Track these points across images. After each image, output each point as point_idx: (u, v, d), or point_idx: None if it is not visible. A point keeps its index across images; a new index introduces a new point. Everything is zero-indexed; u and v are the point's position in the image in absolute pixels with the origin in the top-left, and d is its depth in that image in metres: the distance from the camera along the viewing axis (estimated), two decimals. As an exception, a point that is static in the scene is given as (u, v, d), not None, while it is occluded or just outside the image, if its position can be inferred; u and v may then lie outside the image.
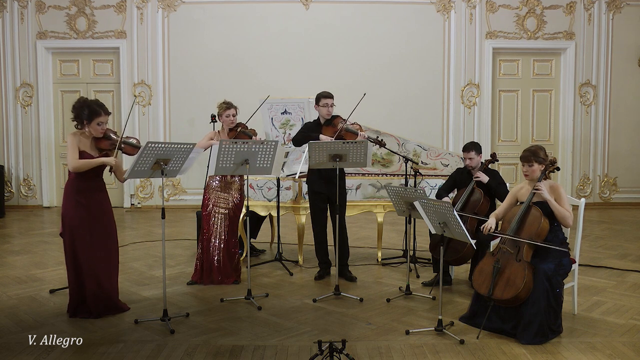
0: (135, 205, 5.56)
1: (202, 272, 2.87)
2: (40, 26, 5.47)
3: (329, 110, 2.87)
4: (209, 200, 2.88)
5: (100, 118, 2.32)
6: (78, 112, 2.34)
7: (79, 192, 2.33)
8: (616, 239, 4.09)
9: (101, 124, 2.33)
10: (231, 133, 2.87)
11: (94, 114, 2.31)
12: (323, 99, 2.87)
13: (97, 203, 2.36)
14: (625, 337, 2.16)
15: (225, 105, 2.87)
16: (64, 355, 1.97)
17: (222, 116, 2.87)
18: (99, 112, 2.32)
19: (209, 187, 2.90)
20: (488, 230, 2.26)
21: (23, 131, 5.53)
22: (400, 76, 5.51)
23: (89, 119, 2.32)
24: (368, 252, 3.60)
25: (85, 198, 2.33)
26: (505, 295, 2.12)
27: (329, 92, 2.91)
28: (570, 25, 5.59)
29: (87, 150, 2.33)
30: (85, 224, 2.32)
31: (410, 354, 1.98)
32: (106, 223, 2.39)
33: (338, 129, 2.79)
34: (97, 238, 2.34)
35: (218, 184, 2.88)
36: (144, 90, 5.53)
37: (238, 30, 5.47)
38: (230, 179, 2.90)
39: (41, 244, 3.90)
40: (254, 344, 2.08)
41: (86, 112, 2.32)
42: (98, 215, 2.35)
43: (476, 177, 2.76)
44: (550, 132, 5.77)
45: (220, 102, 2.91)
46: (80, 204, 2.32)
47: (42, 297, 2.66)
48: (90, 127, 2.33)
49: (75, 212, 2.31)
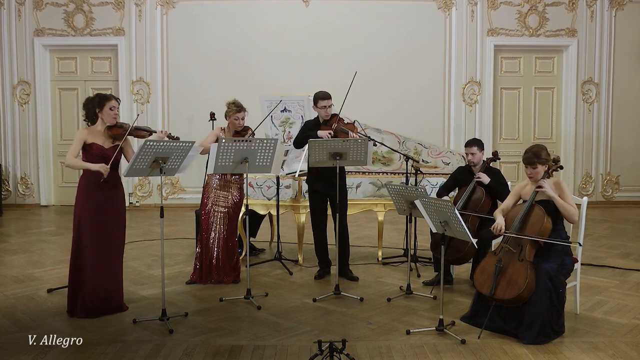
0: (134, 203, 5.53)
1: (202, 271, 2.84)
2: (38, 23, 5.43)
3: (327, 111, 2.84)
4: (208, 199, 2.85)
5: (112, 102, 2.36)
6: (88, 105, 2.37)
7: (92, 187, 2.32)
8: (619, 238, 4.07)
9: (113, 108, 2.35)
10: (237, 135, 2.79)
11: (104, 99, 2.35)
12: (320, 100, 2.83)
13: (109, 198, 2.35)
14: (628, 336, 2.14)
15: (236, 108, 2.76)
16: (62, 355, 1.95)
17: (231, 117, 2.78)
18: (110, 97, 2.37)
19: (208, 186, 2.86)
20: (499, 230, 2.23)
21: (20, 129, 5.49)
22: (401, 74, 5.47)
23: (100, 105, 2.34)
24: (368, 251, 3.59)
25: (97, 192, 2.32)
26: (507, 295, 2.11)
27: (327, 92, 2.86)
28: (572, 22, 5.55)
29: (98, 142, 2.33)
30: (93, 219, 2.31)
31: (411, 354, 1.97)
32: (115, 219, 2.37)
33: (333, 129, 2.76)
34: (103, 234, 2.33)
35: (218, 182, 2.85)
36: (142, 88, 5.49)
37: (237, 28, 5.43)
38: (231, 178, 2.86)
39: (39, 243, 3.87)
40: (254, 344, 2.06)
41: (97, 100, 2.36)
42: (108, 211, 2.34)
43: (477, 178, 2.73)
44: (552, 130, 5.74)
45: (230, 102, 2.79)
46: (91, 198, 2.32)
47: (40, 297, 2.64)
48: (102, 114, 2.34)
49: (85, 206, 2.31)
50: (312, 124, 2.92)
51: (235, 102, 2.81)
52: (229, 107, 2.80)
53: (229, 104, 2.81)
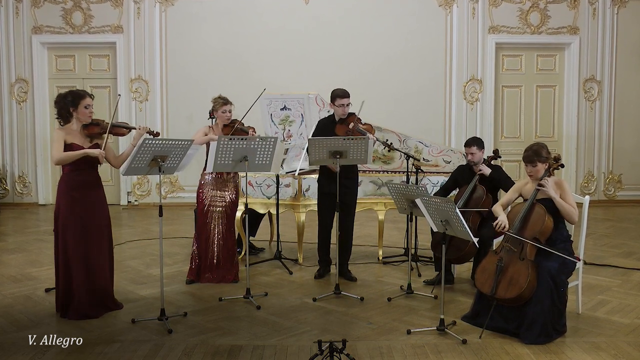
0: (132, 202, 5.51)
1: (199, 270, 2.83)
2: (36, 21, 5.39)
3: (344, 110, 2.80)
4: (205, 198, 2.83)
5: (86, 100, 2.25)
6: (61, 103, 2.26)
7: (73, 187, 2.27)
8: (621, 237, 4.05)
9: (88, 106, 2.26)
10: (225, 129, 2.80)
11: (78, 97, 2.24)
12: (339, 98, 2.78)
13: (92, 198, 2.30)
14: (630, 336, 2.13)
15: (222, 101, 2.81)
16: (60, 355, 1.94)
17: (218, 112, 2.81)
18: (83, 94, 2.26)
19: (204, 185, 2.84)
20: (503, 228, 2.20)
21: (18, 127, 5.45)
22: (402, 72, 5.44)
23: (74, 104, 2.24)
24: (369, 250, 3.57)
25: (80, 193, 2.26)
26: (508, 295, 2.09)
27: (345, 90, 2.80)
28: (574, 20, 5.51)
29: (77, 142, 2.25)
30: (78, 220, 2.26)
31: (411, 354, 1.96)
32: (100, 218, 2.33)
33: (350, 129, 2.72)
34: (90, 234, 2.28)
35: (213, 181, 2.82)
36: (141, 86, 5.46)
37: (237, 25, 5.40)
38: (227, 176, 2.84)
39: (36, 242, 3.86)
40: (253, 344, 2.05)
41: (70, 99, 2.24)
42: (92, 211, 2.30)
43: (479, 171, 2.71)
44: (554, 129, 5.71)
45: (215, 97, 2.84)
46: (74, 199, 2.26)
47: (38, 296, 2.62)
48: (77, 113, 2.25)
49: (69, 207, 2.26)
50: (327, 122, 2.87)
51: (220, 96, 2.84)
52: (216, 101, 2.82)
53: (215, 99, 2.83)
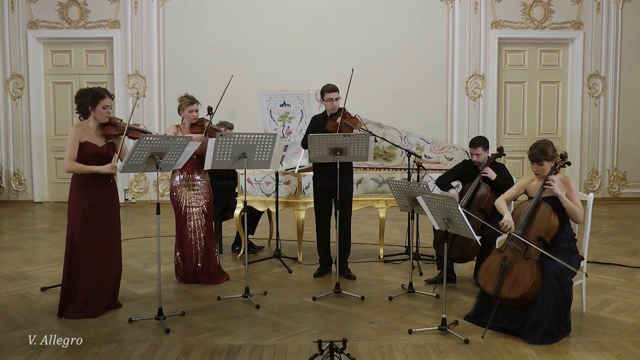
0: (130, 200, 5.47)
1: (186, 274, 2.76)
2: (31, 15, 5.33)
3: (333, 104, 2.76)
4: (182, 200, 2.71)
5: (105, 100, 2.28)
6: (81, 99, 2.29)
7: (86, 185, 2.28)
8: (626, 235, 4.01)
9: (106, 107, 2.28)
10: (193, 128, 2.72)
11: (98, 97, 2.27)
12: (327, 93, 2.76)
13: (103, 197, 2.31)
14: (635, 336, 2.11)
15: (189, 100, 2.71)
16: (56, 355, 1.91)
17: (185, 111, 2.71)
18: (103, 94, 2.29)
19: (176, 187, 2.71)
20: (508, 228, 2.17)
21: (13, 124, 5.40)
22: (403, 67, 5.38)
23: (93, 103, 2.27)
24: (370, 248, 3.54)
25: (92, 191, 2.28)
26: (512, 294, 2.06)
27: (334, 85, 2.78)
28: (578, 15, 5.44)
29: (91, 140, 2.27)
30: (88, 218, 2.27)
31: (413, 354, 1.93)
32: (110, 218, 2.33)
33: (337, 123, 2.70)
34: (99, 233, 2.29)
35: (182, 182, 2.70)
36: (138, 82, 5.41)
37: (235, 20, 5.34)
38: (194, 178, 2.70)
39: (32, 241, 3.82)
40: (252, 344, 2.03)
41: (90, 97, 2.27)
42: (103, 210, 2.30)
43: (484, 173, 2.68)
44: (557, 125, 5.65)
45: (182, 96, 2.75)
46: (85, 197, 2.27)
47: (33, 295, 2.60)
48: (95, 112, 2.28)
49: (80, 205, 2.27)
50: (319, 118, 2.85)
51: (187, 94, 2.76)
52: (182, 100, 2.74)
53: (182, 97, 2.75)
